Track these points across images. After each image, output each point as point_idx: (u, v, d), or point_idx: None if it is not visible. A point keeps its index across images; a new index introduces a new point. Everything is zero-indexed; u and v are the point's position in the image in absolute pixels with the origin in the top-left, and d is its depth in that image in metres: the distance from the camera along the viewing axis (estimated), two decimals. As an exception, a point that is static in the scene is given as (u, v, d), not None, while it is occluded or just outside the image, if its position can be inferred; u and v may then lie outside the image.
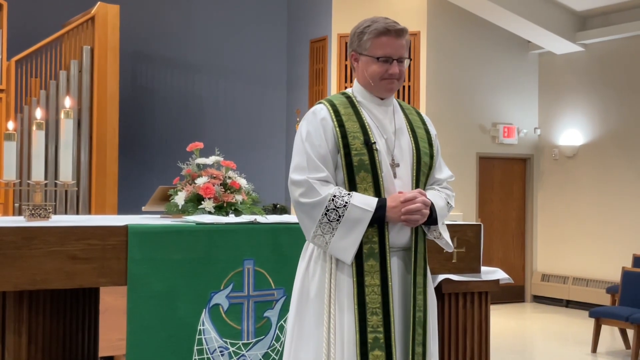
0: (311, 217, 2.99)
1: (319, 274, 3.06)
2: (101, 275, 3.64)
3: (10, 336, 3.70)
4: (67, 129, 4.26)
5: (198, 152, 4.76)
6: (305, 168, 2.99)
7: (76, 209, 10.61)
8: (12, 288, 3.49)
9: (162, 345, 3.77)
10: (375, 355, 2.98)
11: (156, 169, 11.62)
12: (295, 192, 3.00)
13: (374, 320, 2.99)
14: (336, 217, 2.95)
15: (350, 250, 2.98)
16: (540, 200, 12.24)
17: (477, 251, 4.51)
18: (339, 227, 2.96)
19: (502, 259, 11.88)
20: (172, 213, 4.55)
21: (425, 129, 3.28)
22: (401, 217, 2.99)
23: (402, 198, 3.00)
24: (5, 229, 3.44)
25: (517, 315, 11.26)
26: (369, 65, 3.13)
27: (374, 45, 3.10)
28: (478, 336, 5.20)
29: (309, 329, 3.04)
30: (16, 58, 10.52)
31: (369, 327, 2.98)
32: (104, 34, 10.78)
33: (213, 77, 12.68)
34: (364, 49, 3.13)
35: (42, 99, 10.61)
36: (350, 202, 2.96)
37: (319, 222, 2.97)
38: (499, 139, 11.84)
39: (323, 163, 3.00)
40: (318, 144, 3.01)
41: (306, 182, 2.98)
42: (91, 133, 10.76)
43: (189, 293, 3.82)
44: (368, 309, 2.99)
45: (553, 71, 12.07)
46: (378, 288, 3.00)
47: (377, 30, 3.09)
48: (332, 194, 2.97)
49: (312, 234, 3.01)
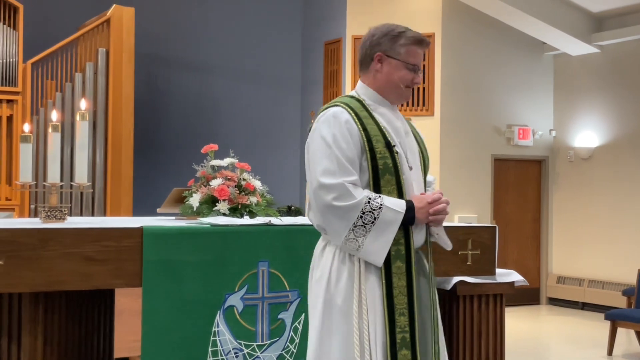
0: (345, 221, 2.98)
1: (346, 279, 3.05)
2: (116, 276, 3.65)
3: (26, 337, 3.72)
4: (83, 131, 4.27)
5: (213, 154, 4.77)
6: (337, 171, 2.98)
7: (91, 210, 10.65)
8: (28, 289, 3.50)
9: (177, 346, 3.78)
10: (403, 355, 3.03)
11: (171, 170, 11.65)
12: (327, 196, 2.97)
13: (401, 321, 3.03)
14: (371, 219, 2.97)
15: (382, 253, 3.00)
16: (556, 202, 12.18)
17: (492, 253, 4.49)
18: (373, 229, 2.97)
19: (517, 261, 11.83)
20: (187, 215, 4.56)
21: (417, 132, 3.38)
22: (429, 217, 3.07)
23: (428, 199, 3.07)
24: (21, 231, 3.46)
25: (533, 317, 11.21)
26: (399, 70, 3.15)
27: (409, 53, 3.14)
28: (493, 339, 5.18)
29: (339, 335, 3.03)
30: (32, 60, 10.58)
31: (398, 328, 3.03)
32: (119, 37, 10.82)
33: (228, 79, 12.70)
34: (396, 54, 3.14)
35: (57, 101, 10.66)
36: (384, 204, 2.98)
37: (353, 226, 2.97)
38: (514, 140, 11.79)
39: (352, 166, 3.02)
40: (346, 147, 3.01)
41: (341, 186, 2.97)
42: (106, 135, 10.80)
43: (203, 295, 3.83)
44: (396, 310, 3.03)
45: (568, 73, 12.02)
46: (405, 289, 3.05)
47: (415, 38, 3.15)
48: (367, 197, 2.98)
49: (344, 238, 3.00)
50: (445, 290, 5.15)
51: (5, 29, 10.45)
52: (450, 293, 5.12)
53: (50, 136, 4.26)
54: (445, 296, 5.20)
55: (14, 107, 10.42)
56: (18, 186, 4.85)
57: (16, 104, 10.41)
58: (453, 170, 11.20)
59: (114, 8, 10.85)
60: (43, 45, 10.69)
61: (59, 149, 4.25)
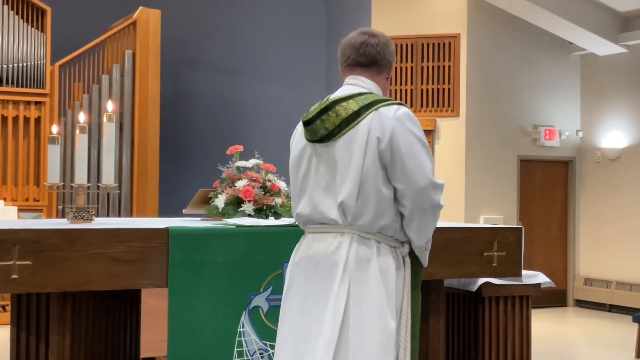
0: (437, 219, 3.08)
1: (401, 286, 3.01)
2: (142, 277, 3.67)
3: (54, 337, 3.76)
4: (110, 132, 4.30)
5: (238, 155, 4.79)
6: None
7: (118, 211, 10.74)
8: (56, 289, 3.54)
9: (202, 347, 3.79)
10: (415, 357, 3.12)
11: (196, 171, 11.70)
12: (437, 196, 3.00)
13: (417, 327, 3.10)
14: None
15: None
16: (583, 203, 12.08)
17: (518, 255, 4.47)
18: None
19: (544, 263, 11.74)
20: (212, 216, 4.58)
21: None
22: None
23: None
24: (49, 231, 3.49)
25: (559, 319, 11.13)
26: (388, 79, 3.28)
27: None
28: (519, 341, 5.15)
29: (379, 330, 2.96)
30: (60, 63, 10.69)
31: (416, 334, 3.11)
32: (146, 38, 10.90)
33: (253, 81, 12.74)
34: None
35: (85, 103, 10.76)
36: None
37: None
38: (540, 141, 11.71)
39: None
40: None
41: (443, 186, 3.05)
42: (133, 136, 10.88)
43: (229, 295, 3.84)
44: (415, 314, 3.09)
45: (595, 73, 11.91)
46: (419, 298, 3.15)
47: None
48: None
49: (429, 238, 3.09)
50: (470, 292, 5.13)
51: (33, 32, 10.56)
52: (476, 294, 5.10)
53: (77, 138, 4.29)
54: (470, 298, 5.18)
55: (42, 109, 10.53)
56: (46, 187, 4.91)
57: (44, 105, 10.51)
58: (478, 171, 11.15)
59: (141, 10, 10.93)
60: (70, 48, 10.79)
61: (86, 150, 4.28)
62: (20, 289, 3.46)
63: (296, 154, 3.14)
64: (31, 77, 10.50)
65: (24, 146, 10.49)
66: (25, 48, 10.48)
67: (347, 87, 3.14)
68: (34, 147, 10.56)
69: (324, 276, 2.98)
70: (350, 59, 3.15)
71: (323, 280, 2.98)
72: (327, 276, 2.97)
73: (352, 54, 3.14)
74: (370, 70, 3.15)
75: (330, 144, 3.01)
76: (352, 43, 3.14)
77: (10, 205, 10.12)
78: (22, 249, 3.42)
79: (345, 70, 3.19)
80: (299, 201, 3.12)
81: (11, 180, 10.42)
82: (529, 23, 11.38)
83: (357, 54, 3.13)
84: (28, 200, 10.46)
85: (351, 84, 3.14)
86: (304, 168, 3.09)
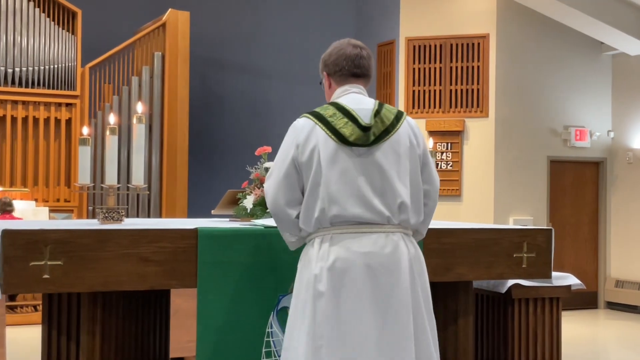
0: None
1: None
2: (172, 277, 3.69)
3: (85, 336, 3.79)
4: (139, 133, 4.33)
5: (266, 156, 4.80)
6: None
7: (147, 212, 10.81)
8: (87, 289, 3.57)
9: (231, 347, 3.81)
10: None
11: (225, 172, 11.74)
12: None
13: None
14: None
15: None
16: (614, 204, 11.96)
17: (548, 256, 4.43)
18: None
19: (574, 265, 11.64)
20: (241, 216, 4.59)
21: None
22: None
23: None
24: (80, 232, 3.53)
25: (590, 322, 11.02)
26: None
27: None
28: (549, 343, 5.11)
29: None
30: (90, 65, 10.79)
31: None
32: (175, 40, 10.96)
33: (281, 82, 12.76)
34: None
35: (115, 105, 10.85)
36: None
37: None
38: (571, 142, 11.61)
39: None
40: None
41: None
42: (162, 138, 10.95)
43: (257, 296, 3.85)
44: None
45: (627, 73, 11.78)
46: None
47: None
48: None
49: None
50: (500, 293, 5.10)
51: (64, 34, 10.67)
52: (505, 296, 5.06)
53: (107, 139, 4.32)
54: (499, 299, 5.15)
55: (73, 110, 10.63)
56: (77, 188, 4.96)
57: (75, 107, 10.62)
58: (508, 172, 11.07)
59: (170, 12, 11.00)
60: (101, 50, 10.89)
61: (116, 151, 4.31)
62: (51, 288, 3.50)
63: (328, 156, 3.20)
64: (62, 79, 10.61)
65: (55, 148, 10.61)
66: (56, 50, 10.59)
67: (360, 96, 3.42)
68: (65, 148, 10.67)
69: (391, 276, 3.15)
70: (345, 69, 3.43)
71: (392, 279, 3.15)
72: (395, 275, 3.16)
73: (347, 64, 3.42)
74: (362, 80, 3.48)
75: (372, 147, 3.23)
76: (347, 54, 3.42)
77: (42, 206, 10.23)
78: (54, 249, 3.45)
79: (337, 79, 3.47)
80: (336, 202, 3.18)
81: (42, 181, 10.54)
82: (558, 23, 11.29)
83: (353, 65, 3.42)
84: (59, 201, 10.57)
85: (357, 92, 3.43)
86: (341, 170, 3.19)
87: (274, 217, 3.36)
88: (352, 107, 3.30)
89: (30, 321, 9.21)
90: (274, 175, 3.32)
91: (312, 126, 3.27)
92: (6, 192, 10.07)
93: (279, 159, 3.34)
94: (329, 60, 3.47)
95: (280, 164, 3.30)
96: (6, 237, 3.40)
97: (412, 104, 11.34)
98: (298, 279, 3.29)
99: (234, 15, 12.50)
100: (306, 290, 3.18)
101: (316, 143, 3.23)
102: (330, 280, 3.13)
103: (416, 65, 11.32)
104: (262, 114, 12.64)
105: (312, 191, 3.21)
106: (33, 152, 10.53)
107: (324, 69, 3.52)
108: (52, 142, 10.55)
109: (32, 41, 10.46)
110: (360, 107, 3.31)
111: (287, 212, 3.27)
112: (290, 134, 3.35)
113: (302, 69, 12.64)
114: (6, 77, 10.39)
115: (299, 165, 3.25)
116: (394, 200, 3.20)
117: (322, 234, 3.21)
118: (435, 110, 11.27)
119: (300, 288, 3.24)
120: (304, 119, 3.34)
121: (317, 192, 3.20)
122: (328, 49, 3.53)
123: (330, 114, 3.27)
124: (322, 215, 3.19)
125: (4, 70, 10.37)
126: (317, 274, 3.16)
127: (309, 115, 3.34)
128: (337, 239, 3.18)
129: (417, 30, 11.29)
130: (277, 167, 3.31)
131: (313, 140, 3.24)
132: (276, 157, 3.38)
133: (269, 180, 3.35)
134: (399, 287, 3.15)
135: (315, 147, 3.22)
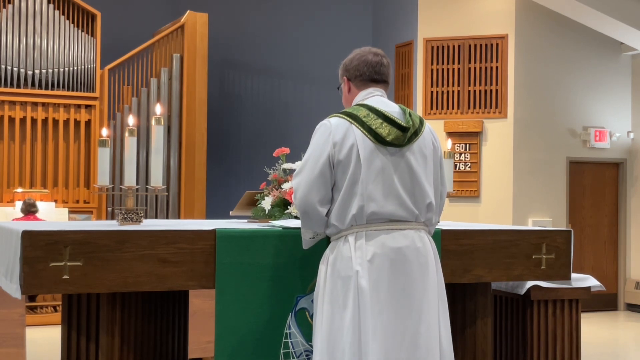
0: None
1: None
2: (190, 278, 3.70)
3: (104, 337, 3.80)
4: (158, 135, 4.34)
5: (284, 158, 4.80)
6: None
7: (166, 213, 10.86)
8: (106, 290, 3.58)
9: (249, 348, 3.81)
10: None
11: (243, 174, 11.77)
12: None
13: None
14: None
15: None
16: (634, 205, 11.87)
17: (567, 257, 4.40)
18: None
19: (594, 266, 11.57)
20: (259, 218, 4.60)
21: None
22: None
23: None
24: (99, 233, 3.54)
25: (610, 324, 10.95)
26: None
27: None
28: (568, 345, 5.08)
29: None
30: (109, 66, 10.85)
31: None
32: (193, 42, 11.00)
33: (299, 83, 12.78)
34: None
35: (133, 106, 10.90)
36: None
37: None
38: (590, 143, 11.54)
39: None
40: None
41: None
42: (180, 139, 10.99)
43: (275, 297, 3.85)
44: None
45: (647, 73, 11.70)
46: None
47: None
48: None
49: None
50: (518, 295, 5.08)
51: (84, 36, 10.74)
52: (524, 298, 5.04)
53: (126, 140, 4.34)
54: (518, 301, 5.12)
55: (92, 112, 10.70)
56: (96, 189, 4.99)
57: (94, 109, 10.68)
58: (527, 173, 11.03)
59: (188, 14, 11.04)
60: (119, 52, 10.95)
61: (135, 153, 4.32)
62: (71, 289, 3.52)
63: (366, 155, 3.30)
64: (81, 81, 10.68)
65: (74, 149, 10.68)
66: (75, 52, 10.66)
67: (385, 99, 3.54)
68: (84, 149, 10.73)
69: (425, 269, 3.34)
70: (365, 74, 3.54)
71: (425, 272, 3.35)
72: (425, 269, 3.35)
73: (368, 70, 3.54)
74: (382, 86, 3.58)
75: (403, 148, 3.36)
76: (369, 61, 3.55)
77: (62, 207, 10.30)
78: (73, 250, 3.47)
79: (357, 84, 3.57)
80: (374, 200, 3.30)
81: (62, 182, 10.61)
82: (577, 23, 11.23)
83: (373, 71, 3.55)
84: (78, 202, 10.64)
85: (381, 95, 3.56)
86: (378, 169, 3.31)
87: (303, 215, 3.41)
88: (382, 108, 3.39)
89: (50, 322, 9.27)
90: (305, 173, 3.36)
91: (348, 125, 3.34)
92: (26, 193, 10.15)
93: (311, 156, 3.37)
94: (350, 66, 3.58)
95: (313, 162, 3.35)
96: (26, 238, 3.42)
97: (430, 105, 11.32)
98: (329, 274, 3.37)
99: (252, 17, 12.53)
100: (343, 286, 3.29)
101: (354, 141, 3.31)
102: (370, 275, 3.26)
103: (434, 66, 11.30)
104: (280, 115, 12.66)
105: (349, 188, 3.30)
106: (53, 154, 10.60)
107: (345, 74, 3.60)
108: (71, 144, 10.62)
109: (51, 43, 10.53)
110: (389, 110, 3.41)
111: (318, 209, 3.35)
112: (323, 133, 3.38)
113: (319, 71, 12.65)
114: (26, 79, 10.47)
115: (335, 164, 3.32)
116: (423, 200, 3.37)
117: (355, 231, 3.32)
118: (454, 111, 11.24)
119: (335, 284, 3.33)
120: (337, 119, 3.39)
121: (355, 189, 3.29)
122: (349, 55, 3.62)
123: (364, 114, 3.36)
124: (360, 212, 3.29)
125: (24, 73, 10.45)
126: (359, 270, 3.27)
127: (342, 115, 3.40)
128: (372, 235, 3.30)
129: (435, 31, 11.27)
130: (309, 165, 3.36)
131: (351, 138, 3.32)
132: (307, 154, 3.42)
133: (299, 177, 3.39)
134: (430, 281, 3.34)
135: (353, 145, 3.31)
